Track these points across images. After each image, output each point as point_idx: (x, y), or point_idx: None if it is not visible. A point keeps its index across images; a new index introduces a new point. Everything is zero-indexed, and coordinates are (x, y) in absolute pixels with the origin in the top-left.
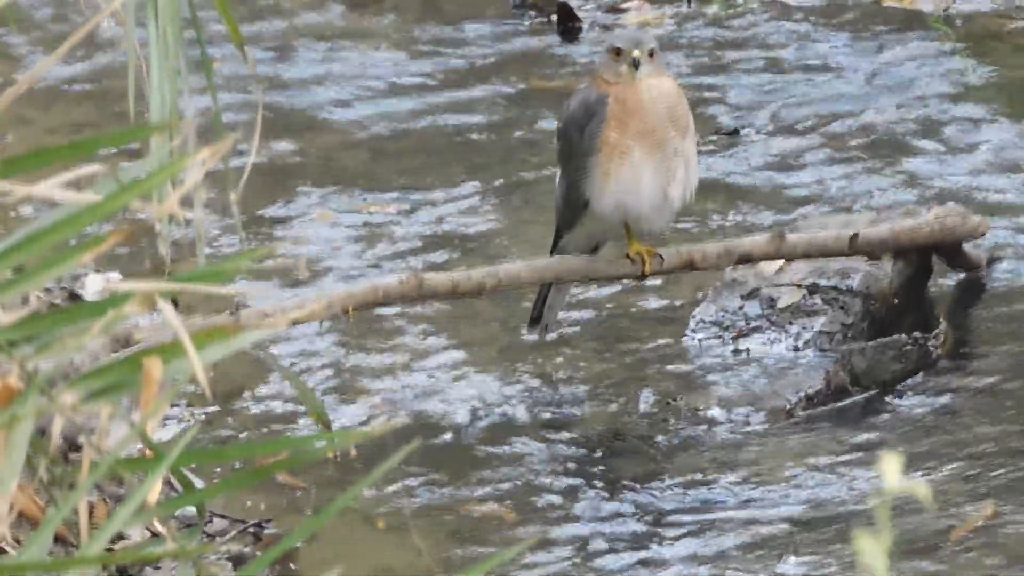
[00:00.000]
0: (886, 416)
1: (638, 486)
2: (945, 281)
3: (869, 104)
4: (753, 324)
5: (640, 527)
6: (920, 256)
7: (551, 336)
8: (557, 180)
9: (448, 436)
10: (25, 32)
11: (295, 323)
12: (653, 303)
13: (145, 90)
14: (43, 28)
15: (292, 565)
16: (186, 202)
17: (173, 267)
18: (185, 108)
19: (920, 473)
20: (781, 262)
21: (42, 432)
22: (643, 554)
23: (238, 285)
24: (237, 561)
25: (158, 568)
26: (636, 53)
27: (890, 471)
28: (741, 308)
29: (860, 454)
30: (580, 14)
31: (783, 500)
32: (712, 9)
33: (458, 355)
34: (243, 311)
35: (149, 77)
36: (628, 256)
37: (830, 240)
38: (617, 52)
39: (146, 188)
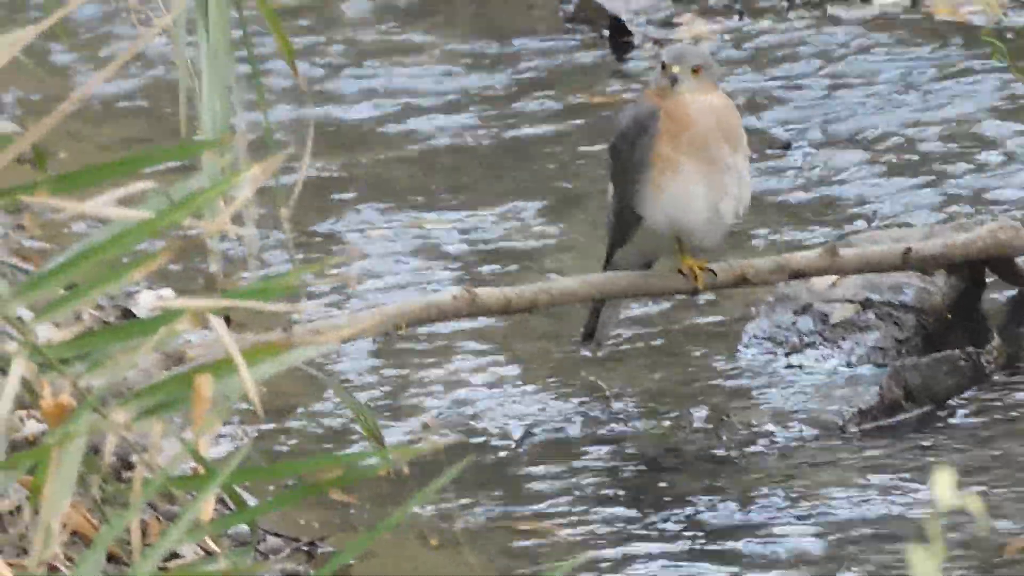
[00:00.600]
0: (940, 431)
1: (691, 502)
2: (998, 296)
3: (921, 117)
4: (806, 339)
5: (693, 543)
6: (973, 270)
7: (604, 351)
8: (609, 195)
9: (500, 452)
10: (76, 48)
11: (347, 339)
12: (705, 318)
13: (197, 106)
14: (94, 44)
15: None
16: (237, 218)
17: (225, 283)
18: (236, 124)
19: (974, 488)
20: (834, 277)
21: (95, 450)
22: (696, 570)
23: (290, 301)
24: None
25: None
26: (676, 69)
27: (942, 485)
28: (794, 323)
29: (914, 469)
30: (632, 28)
31: (837, 515)
32: (764, 23)
33: (511, 371)
34: (295, 327)
35: (200, 93)
36: (680, 271)
37: (883, 255)
38: (664, 67)
39: (197, 204)
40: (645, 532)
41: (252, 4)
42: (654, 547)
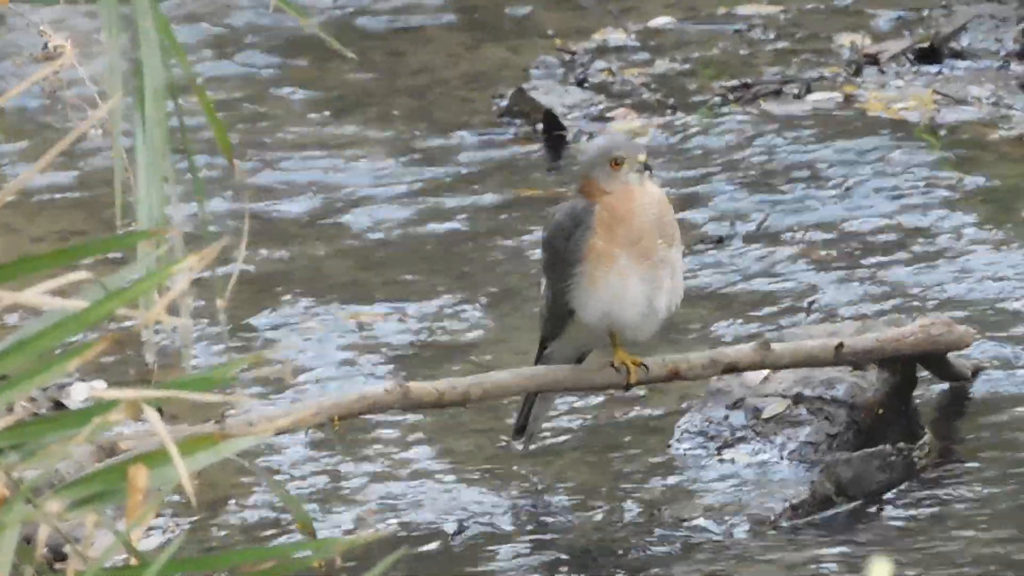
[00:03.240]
0: (871, 526)
1: None
2: (930, 391)
3: (854, 213)
4: (738, 434)
5: None
6: (905, 366)
7: (536, 446)
8: (542, 289)
9: (433, 545)
10: (11, 140)
11: (281, 432)
12: (638, 413)
13: (132, 197)
14: (28, 136)
15: None
16: (173, 309)
17: (159, 375)
18: (172, 215)
19: None
20: (767, 372)
21: (27, 541)
22: None
23: (224, 393)
24: None
25: None
26: (643, 157)
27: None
28: (726, 418)
29: (845, 564)
30: (565, 122)
31: None
32: (696, 118)
33: (444, 464)
34: (228, 419)
35: (136, 184)
36: (613, 366)
37: (816, 349)
38: (616, 161)
39: (133, 295)
40: None
41: (188, 96)
42: None
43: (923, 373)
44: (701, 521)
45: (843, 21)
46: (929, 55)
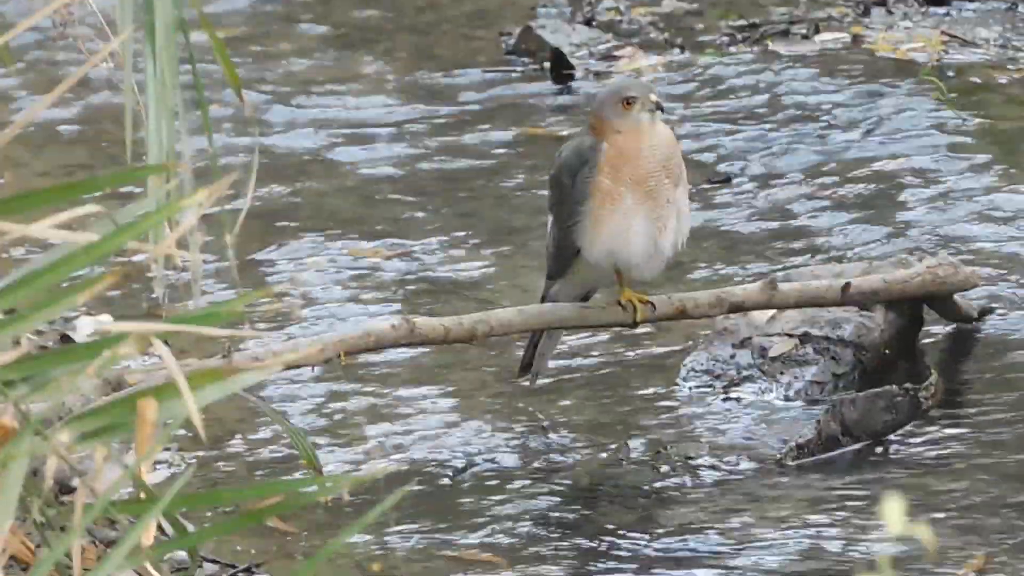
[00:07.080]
0: (876, 466)
1: (628, 533)
2: (937, 332)
3: (861, 153)
4: (744, 373)
5: (629, 575)
6: (912, 307)
7: (542, 383)
8: (549, 227)
9: (439, 482)
10: (19, 73)
11: (288, 367)
12: (644, 351)
13: (142, 131)
14: (36, 69)
15: None
16: (182, 243)
17: (166, 310)
18: (182, 150)
19: (911, 522)
20: (773, 311)
21: (35, 473)
22: None
23: (231, 328)
24: None
25: None
26: (654, 97)
27: (893, 513)
28: (732, 357)
29: (850, 503)
30: (573, 61)
31: (773, 549)
32: (704, 58)
33: (450, 401)
34: (236, 355)
35: (146, 119)
36: (619, 303)
37: (822, 290)
38: (628, 102)
39: (143, 229)
40: (582, 562)
41: (197, 31)
42: None
43: (930, 314)
44: (706, 459)
45: None
46: None
